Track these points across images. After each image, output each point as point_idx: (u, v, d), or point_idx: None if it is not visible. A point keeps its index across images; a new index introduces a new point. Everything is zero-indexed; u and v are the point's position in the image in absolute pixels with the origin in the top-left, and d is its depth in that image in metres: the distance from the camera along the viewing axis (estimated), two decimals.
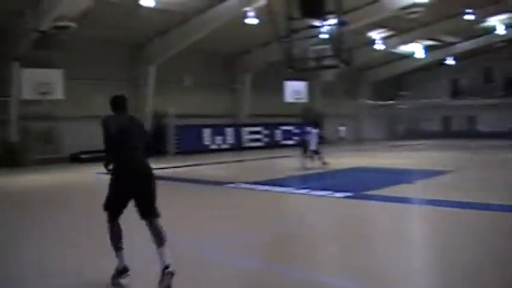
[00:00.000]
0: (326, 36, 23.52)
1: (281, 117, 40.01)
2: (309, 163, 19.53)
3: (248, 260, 6.59)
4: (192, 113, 34.65)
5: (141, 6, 23.88)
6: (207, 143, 34.33)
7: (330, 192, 12.28)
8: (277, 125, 39.04)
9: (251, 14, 26.01)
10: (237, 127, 36.76)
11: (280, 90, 35.68)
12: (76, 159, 28.24)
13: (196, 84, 35.41)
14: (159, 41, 30.36)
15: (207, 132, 34.38)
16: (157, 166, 22.05)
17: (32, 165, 26.73)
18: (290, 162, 24.72)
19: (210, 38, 29.66)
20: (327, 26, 20.23)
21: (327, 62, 20.01)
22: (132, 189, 5.78)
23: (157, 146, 32.61)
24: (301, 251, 7.18)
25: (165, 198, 12.95)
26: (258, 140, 37.59)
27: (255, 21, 26.38)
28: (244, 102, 37.88)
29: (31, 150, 27.19)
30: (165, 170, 19.77)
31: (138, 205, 5.83)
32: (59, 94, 25.11)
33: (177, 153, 31.75)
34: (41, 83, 24.07)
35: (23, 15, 23.83)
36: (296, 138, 39.38)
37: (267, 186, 13.79)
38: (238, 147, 35.79)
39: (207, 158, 27.53)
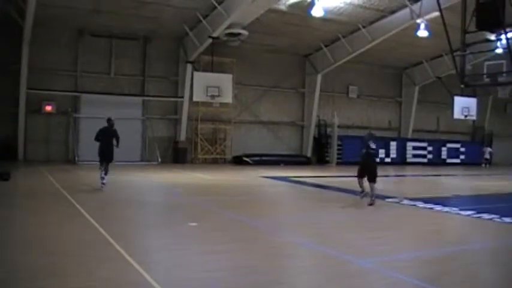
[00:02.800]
0: (502, 50, 22.16)
1: (447, 134, 38.40)
2: None
3: (406, 276, 6.45)
4: (356, 124, 34.58)
5: (310, 16, 24.28)
6: None
7: (498, 216, 11.49)
8: (443, 142, 37.35)
9: (422, 26, 25.23)
10: (402, 141, 35.80)
11: (447, 105, 34.18)
12: (239, 161, 29.54)
13: (360, 96, 35.25)
14: (326, 51, 30.67)
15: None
16: (317, 174, 22.47)
17: (198, 163, 28.59)
18: (456, 182, 23.60)
19: (378, 49, 29.32)
20: (504, 39, 19.03)
21: (502, 79, 18.78)
22: (105, 154, 14.93)
23: (319, 154, 32.98)
24: (459, 272, 6.85)
25: (321, 208, 13.17)
26: (422, 155, 36.24)
27: (425, 33, 25.53)
28: (409, 116, 36.85)
29: (197, 149, 29.12)
30: (326, 179, 19.90)
31: (106, 159, 14.91)
32: (227, 98, 26.13)
33: (339, 162, 31.78)
34: (211, 87, 25.13)
35: (199, 23, 25.60)
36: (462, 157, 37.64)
37: (430, 204, 13.27)
38: (401, 162, 34.84)
39: None
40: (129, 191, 15.39)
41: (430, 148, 36.54)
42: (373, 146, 13.80)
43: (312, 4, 23.28)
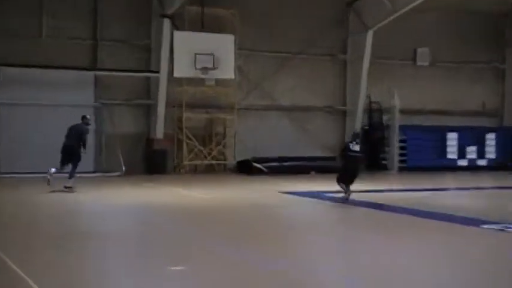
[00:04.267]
0: None
1: None
2: None
3: None
4: (429, 107, 34.29)
5: None
6: (451, 155, 33.61)
7: None
8: None
9: None
10: (506, 133, 35.45)
11: None
12: (246, 168, 29.33)
13: (436, 63, 34.94)
14: None
15: (452, 139, 33.63)
16: (368, 188, 22.24)
17: (184, 173, 28.46)
18: None
19: None
20: None
21: None
22: (66, 152, 20.80)
23: (371, 155, 32.68)
24: None
25: (381, 242, 12.96)
26: None
27: None
28: None
29: (182, 151, 28.90)
30: (383, 194, 19.77)
31: (69, 158, 20.73)
32: (227, 72, 26.18)
33: (403, 168, 31.58)
34: (201, 54, 25.05)
35: None
36: None
37: None
38: (504, 164, 34.43)
39: (451, 180, 26.99)
40: (80, 218, 15.47)
41: None
42: (356, 148, 18.01)
43: None
